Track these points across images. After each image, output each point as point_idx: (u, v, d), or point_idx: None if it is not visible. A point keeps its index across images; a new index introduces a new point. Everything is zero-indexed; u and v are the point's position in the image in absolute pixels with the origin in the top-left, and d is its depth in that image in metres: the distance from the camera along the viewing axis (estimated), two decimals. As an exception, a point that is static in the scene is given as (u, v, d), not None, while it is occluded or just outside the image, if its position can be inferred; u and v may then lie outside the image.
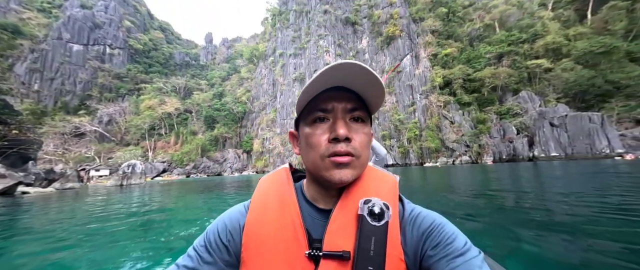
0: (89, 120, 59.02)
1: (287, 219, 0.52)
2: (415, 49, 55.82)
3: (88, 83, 71.18)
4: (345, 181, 0.50)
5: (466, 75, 47.40)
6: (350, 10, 64.33)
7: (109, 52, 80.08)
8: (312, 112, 0.53)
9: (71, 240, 4.01)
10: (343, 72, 0.48)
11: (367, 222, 0.47)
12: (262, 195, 0.59)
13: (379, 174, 0.59)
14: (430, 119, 47.79)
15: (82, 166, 43.82)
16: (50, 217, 6.57)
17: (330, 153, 0.50)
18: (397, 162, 46.81)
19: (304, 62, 62.84)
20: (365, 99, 0.53)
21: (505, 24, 55.19)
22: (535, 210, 4.64)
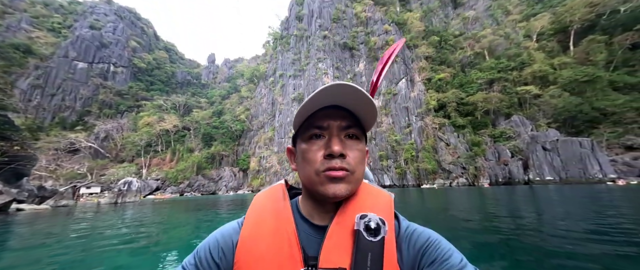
0: (85, 136, 58.68)
1: (282, 236, 0.52)
2: (410, 73, 58.23)
3: (88, 99, 71.90)
4: (339, 196, 0.51)
5: (459, 99, 49.11)
6: (348, 36, 67.90)
7: (113, 70, 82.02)
8: (309, 129, 0.55)
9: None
10: (338, 92, 0.50)
11: (363, 237, 0.48)
12: (257, 211, 0.59)
13: (374, 191, 0.60)
14: (426, 140, 48.49)
15: (72, 183, 42.74)
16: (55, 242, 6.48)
17: (325, 168, 0.51)
18: (394, 183, 46.54)
19: (303, 83, 64.76)
20: (360, 117, 0.55)
21: (494, 52, 58.50)
22: (544, 238, 4.66)
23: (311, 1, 75.08)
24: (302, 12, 76.28)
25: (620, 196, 11.81)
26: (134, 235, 6.56)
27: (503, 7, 70.62)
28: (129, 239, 6.14)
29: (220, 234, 0.56)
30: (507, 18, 66.12)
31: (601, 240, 4.20)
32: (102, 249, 4.94)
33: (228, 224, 0.59)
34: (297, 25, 74.09)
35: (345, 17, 71.30)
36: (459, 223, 6.89)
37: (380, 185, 19.19)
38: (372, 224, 0.48)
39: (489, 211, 8.97)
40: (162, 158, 64.58)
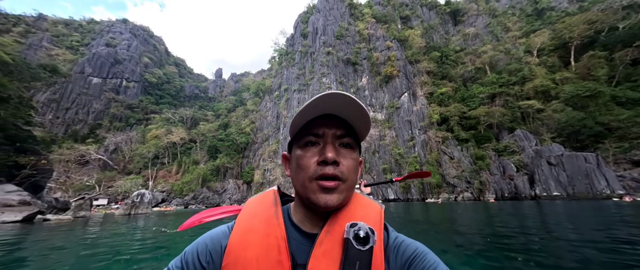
0: (96, 148, 60.37)
1: (271, 242, 0.52)
2: (412, 87, 59.27)
3: (100, 113, 74.56)
4: (330, 206, 0.52)
5: (462, 113, 49.52)
6: (351, 52, 70.08)
7: (125, 85, 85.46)
8: (305, 136, 0.56)
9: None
10: (334, 101, 0.52)
11: (352, 245, 0.48)
12: (248, 216, 0.58)
13: (365, 201, 0.61)
14: (430, 154, 48.47)
15: (81, 195, 43.60)
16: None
17: (319, 175, 0.52)
18: (398, 197, 46.15)
19: (307, 97, 66.23)
20: (354, 127, 0.57)
21: (495, 67, 59.48)
22: (557, 256, 4.60)
23: (316, 19, 78.40)
24: (306, 30, 79.43)
25: (633, 213, 11.50)
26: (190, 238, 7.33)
27: (502, 23, 72.56)
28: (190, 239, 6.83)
29: (209, 238, 0.56)
30: (507, 34, 67.74)
31: (615, 262, 4.09)
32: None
33: (218, 228, 0.59)
34: (302, 42, 76.94)
35: (348, 34, 73.95)
36: (466, 239, 6.69)
37: (384, 199, 19.85)
38: (361, 233, 0.49)
39: (496, 227, 8.83)
40: (168, 170, 65.53)
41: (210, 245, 0.54)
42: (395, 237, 0.56)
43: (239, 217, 0.59)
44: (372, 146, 54.14)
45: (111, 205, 42.77)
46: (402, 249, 0.53)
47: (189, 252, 0.54)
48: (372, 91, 63.80)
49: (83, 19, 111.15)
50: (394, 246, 0.54)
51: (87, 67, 78.06)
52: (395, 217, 13.77)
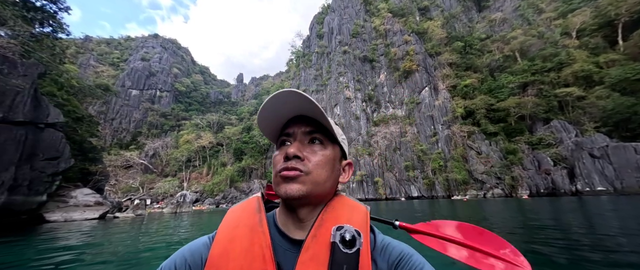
0: (137, 154, 67.11)
1: (256, 251, 0.50)
2: (433, 81, 57.24)
3: (139, 122, 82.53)
4: (290, 195, 0.52)
5: (489, 105, 46.82)
6: (367, 50, 69.42)
7: (159, 95, 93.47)
8: (279, 137, 0.61)
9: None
10: (293, 100, 0.54)
11: (339, 249, 0.48)
12: (230, 225, 0.56)
13: (350, 203, 0.61)
14: (454, 150, 46.66)
15: (128, 196, 49.04)
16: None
17: (281, 169, 0.54)
18: (422, 194, 45.16)
19: (325, 97, 67.08)
20: (325, 125, 0.58)
21: (527, 54, 55.04)
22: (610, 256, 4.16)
23: (331, 19, 78.77)
24: (322, 31, 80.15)
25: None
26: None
27: (534, 5, 66.56)
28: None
29: (188, 251, 0.54)
30: (540, 17, 62.11)
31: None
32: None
33: (198, 239, 0.57)
34: (318, 43, 77.82)
35: (364, 31, 73.24)
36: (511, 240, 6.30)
37: (407, 197, 20.43)
38: (347, 235, 0.49)
39: (533, 226, 7.98)
40: (199, 172, 70.66)
41: (189, 259, 0.52)
42: (381, 239, 0.56)
43: (220, 226, 0.57)
44: (393, 143, 53.44)
45: (153, 205, 47.51)
46: (388, 251, 0.53)
47: (166, 266, 0.52)
48: (391, 87, 62.70)
49: (121, 37, 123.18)
50: (380, 248, 0.54)
51: (127, 80, 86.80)
52: (418, 214, 14.03)
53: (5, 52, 8.99)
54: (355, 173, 50.63)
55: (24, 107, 10.10)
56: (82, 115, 17.90)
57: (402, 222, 0.82)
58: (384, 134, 54.95)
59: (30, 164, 10.25)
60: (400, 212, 15.93)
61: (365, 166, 51.10)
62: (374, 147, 54.78)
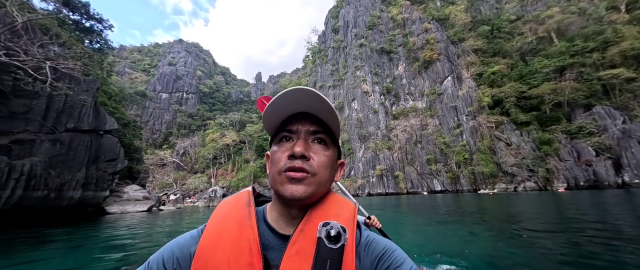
0: (170, 153, 72.75)
1: (243, 244, 0.51)
2: (456, 70, 54.39)
3: (170, 123, 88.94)
4: (296, 197, 0.52)
5: (520, 93, 43.55)
6: (384, 41, 67.56)
7: (185, 97, 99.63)
8: (280, 133, 0.59)
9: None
10: (305, 98, 0.54)
11: (324, 244, 0.49)
12: (219, 219, 0.57)
13: (339, 199, 0.62)
14: (481, 141, 44.39)
15: (164, 191, 53.67)
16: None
17: (286, 168, 0.53)
18: (446, 188, 43.79)
19: (342, 92, 66.88)
20: (328, 124, 0.59)
21: (565, 33, 49.94)
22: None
23: (346, 13, 77.59)
24: (337, 25, 79.33)
25: None
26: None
27: (573, -22, 59.73)
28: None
29: (176, 244, 0.55)
30: (580, -10, 55.68)
31: None
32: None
33: (187, 233, 0.58)
34: (334, 38, 77.29)
35: (381, 22, 71.22)
36: (540, 243, 4.91)
37: (431, 191, 20.49)
38: (332, 231, 0.50)
39: (573, 221, 7.16)
40: (225, 169, 74.82)
41: (177, 252, 0.53)
42: (366, 235, 0.58)
43: (210, 219, 0.58)
44: (413, 136, 52.12)
45: (186, 200, 51.57)
46: (372, 247, 0.55)
47: (154, 260, 0.52)
48: (410, 79, 60.72)
49: (150, 44, 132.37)
50: (365, 244, 0.56)
51: (157, 85, 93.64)
52: (441, 210, 13.95)
53: (72, 72, 10.72)
54: (375, 167, 50.34)
55: (88, 118, 12.05)
56: (128, 121, 20.24)
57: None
58: (403, 127, 53.72)
59: (95, 165, 12.31)
60: (421, 207, 15.93)
61: (384, 160, 50.58)
62: (394, 141, 53.84)
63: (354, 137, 57.20)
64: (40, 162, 9.90)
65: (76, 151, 11.60)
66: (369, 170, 51.04)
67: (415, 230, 7.70)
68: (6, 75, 8.59)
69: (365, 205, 19.11)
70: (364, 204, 19.37)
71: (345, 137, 58.65)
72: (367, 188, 49.71)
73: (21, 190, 9.34)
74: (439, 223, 8.51)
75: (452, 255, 4.41)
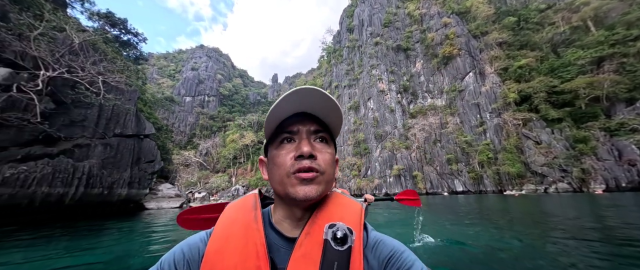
0: (193, 153, 76.97)
1: (250, 248, 0.51)
2: (479, 65, 51.90)
3: (193, 124, 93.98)
4: (309, 197, 0.52)
5: (550, 88, 40.61)
6: (401, 38, 66.12)
7: (207, 100, 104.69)
8: (279, 134, 0.58)
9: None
10: (306, 98, 0.53)
11: (330, 246, 0.48)
12: (227, 222, 0.58)
13: (345, 200, 0.62)
14: (507, 140, 42.05)
15: (189, 190, 57.00)
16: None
17: (296, 170, 0.53)
18: (468, 188, 42.06)
19: (357, 92, 66.53)
20: (327, 123, 0.59)
21: (603, 21, 45.67)
22: None
23: (361, 11, 76.98)
24: (352, 24, 78.95)
25: None
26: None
27: (613, -41, 54.28)
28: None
29: (186, 246, 0.55)
30: (622, -28, 50.51)
31: None
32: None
33: (196, 235, 0.58)
34: (349, 37, 77.02)
35: (397, 19, 69.76)
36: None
37: (451, 191, 20.21)
38: (339, 233, 0.49)
39: (617, 228, 6.05)
40: (244, 168, 77.68)
41: (187, 254, 0.54)
42: (374, 236, 0.57)
43: (217, 223, 0.58)
44: (432, 135, 50.63)
45: (209, 198, 54.39)
46: (380, 248, 0.54)
47: (165, 261, 0.54)
48: (429, 76, 58.92)
49: (175, 50, 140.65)
50: (372, 245, 0.55)
51: (182, 89, 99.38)
52: (462, 214, 13.72)
53: (118, 85, 12.28)
54: (392, 167, 49.59)
55: (131, 124, 13.71)
56: (160, 125, 22.16)
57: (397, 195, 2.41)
58: (421, 126, 52.33)
59: (137, 166, 14.01)
60: (441, 207, 15.69)
61: (402, 160, 49.66)
62: (412, 140, 52.64)
63: (370, 137, 56.71)
64: (96, 164, 11.50)
65: (122, 154, 13.23)
66: (385, 170, 50.39)
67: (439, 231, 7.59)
68: (68, 89, 10.18)
69: (382, 205, 19.08)
70: (382, 204, 19.26)
71: (361, 136, 58.32)
72: (384, 188, 49.11)
73: (83, 188, 10.96)
74: (466, 225, 8.26)
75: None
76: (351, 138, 61.36)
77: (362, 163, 56.85)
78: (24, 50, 8.68)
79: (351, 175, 56.10)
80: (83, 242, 6.09)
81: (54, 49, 10.19)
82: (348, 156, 59.98)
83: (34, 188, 9.32)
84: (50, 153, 10.06)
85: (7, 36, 8.45)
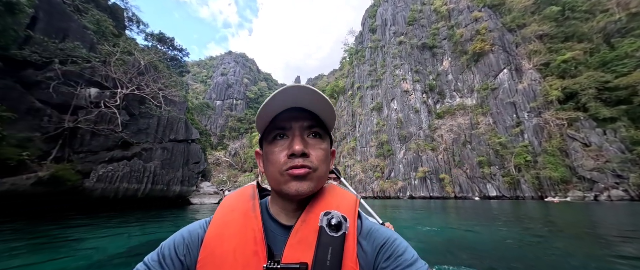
0: (224, 153, 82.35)
1: (248, 234, 0.54)
2: (515, 61, 48.22)
3: (223, 127, 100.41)
4: (302, 193, 0.54)
5: (602, 84, 36.32)
6: (427, 36, 63.87)
7: (235, 103, 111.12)
8: (273, 131, 0.58)
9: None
10: (298, 94, 0.54)
11: (325, 233, 0.50)
12: (226, 210, 0.60)
13: (341, 192, 0.64)
14: (548, 142, 38.52)
15: (221, 188, 61.19)
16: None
17: (289, 167, 0.54)
18: (502, 194, 39.31)
19: (381, 93, 65.68)
20: (322, 118, 0.59)
21: (671, 4, 39.60)
22: None
23: (384, 11, 75.90)
24: (375, 24, 78.19)
25: None
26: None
27: None
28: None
29: (187, 232, 0.57)
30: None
31: None
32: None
33: (196, 222, 0.60)
34: (371, 38, 76.39)
35: (423, 17, 67.52)
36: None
37: (484, 196, 20.04)
38: (334, 220, 0.51)
39: None
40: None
41: (187, 239, 0.56)
42: (368, 225, 0.59)
43: (217, 211, 0.61)
44: (461, 137, 48.19)
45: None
46: (374, 236, 0.56)
47: (166, 246, 0.55)
48: (458, 74, 56.10)
49: (206, 57, 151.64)
50: (366, 233, 0.57)
51: (213, 93, 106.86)
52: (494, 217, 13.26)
53: (173, 98, 14.66)
54: (417, 169, 48.17)
55: (182, 130, 16.37)
56: (202, 130, 24.84)
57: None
58: (449, 127, 50.07)
59: (187, 167, 16.63)
60: (473, 211, 15.29)
61: (428, 162, 48.01)
62: (438, 142, 50.62)
63: (394, 138, 55.65)
64: (158, 165, 14.05)
65: (176, 156, 15.73)
66: (410, 173, 49.11)
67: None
68: (138, 103, 12.58)
69: (406, 207, 19.05)
70: (405, 207, 19.22)
71: (385, 138, 57.48)
72: (409, 191, 47.88)
73: (150, 185, 13.53)
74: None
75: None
76: (374, 139, 60.74)
77: (386, 165, 55.98)
78: (107, 74, 11.12)
79: (374, 177, 55.56)
80: (154, 225, 7.60)
81: (127, 70, 12.67)
82: (371, 158, 59.48)
83: (118, 184, 11.97)
84: (127, 156, 12.79)
85: (96, 64, 10.89)
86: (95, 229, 7.07)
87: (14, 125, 8.97)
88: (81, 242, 5.32)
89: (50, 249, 4.63)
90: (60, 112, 10.82)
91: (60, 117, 10.66)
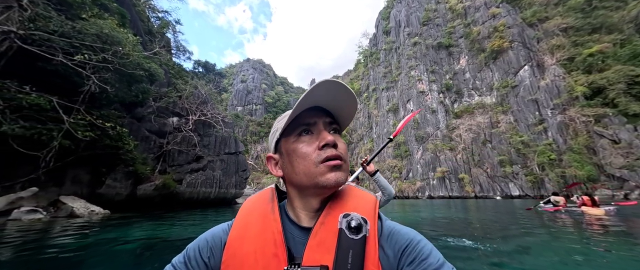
0: (247, 157, 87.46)
1: (268, 237, 0.54)
2: (536, 56, 47.07)
3: (244, 131, 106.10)
4: (341, 182, 0.54)
5: (632, 77, 34.85)
6: (442, 35, 63.62)
7: (254, 108, 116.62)
8: (297, 128, 0.58)
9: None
10: (324, 92, 0.55)
11: (345, 235, 0.49)
12: (246, 213, 0.61)
13: (359, 192, 0.63)
14: (574, 139, 37.55)
15: (256, 189, 65.48)
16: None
17: (324, 158, 0.54)
18: (525, 192, 38.87)
19: (396, 94, 66.38)
20: (337, 117, 0.61)
21: None
22: None
23: (397, 12, 76.39)
24: (389, 26, 78.85)
25: None
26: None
27: None
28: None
29: (210, 235, 0.59)
30: None
31: None
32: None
33: (218, 225, 0.62)
34: (385, 40, 77.17)
35: (438, 15, 67.26)
36: None
37: (505, 195, 22.88)
38: (353, 222, 0.50)
39: None
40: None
41: (211, 242, 0.57)
42: (388, 225, 0.58)
43: (238, 214, 0.62)
44: (480, 136, 47.94)
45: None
46: (395, 237, 0.55)
47: (191, 248, 0.57)
48: (475, 73, 55.53)
49: (226, 65, 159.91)
50: (387, 234, 0.56)
51: (234, 100, 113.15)
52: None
53: (224, 118, 18.20)
54: (435, 169, 48.60)
55: (232, 144, 20.35)
56: (242, 140, 28.51)
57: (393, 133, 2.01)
58: (468, 126, 49.90)
59: (237, 173, 20.59)
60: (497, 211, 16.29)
61: (446, 162, 48.28)
62: (456, 141, 50.60)
63: (411, 139, 56.29)
64: (220, 173, 18.04)
65: (230, 166, 19.84)
66: (428, 172, 49.64)
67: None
68: (202, 125, 16.07)
69: (425, 205, 20.28)
70: (424, 205, 20.37)
71: (402, 138, 58.26)
72: (428, 191, 48.45)
73: (217, 189, 17.49)
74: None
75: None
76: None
77: (403, 165, 56.77)
78: (183, 105, 14.94)
79: (392, 177, 56.58)
80: (222, 215, 10.38)
81: (193, 101, 16.41)
82: (388, 158, 60.50)
83: (198, 189, 16.23)
84: (201, 167, 17.08)
85: (175, 98, 14.63)
86: (192, 217, 10.03)
87: (136, 149, 13.11)
88: (188, 222, 8.12)
89: (179, 226, 7.36)
90: (158, 136, 15.39)
91: (159, 141, 15.22)
